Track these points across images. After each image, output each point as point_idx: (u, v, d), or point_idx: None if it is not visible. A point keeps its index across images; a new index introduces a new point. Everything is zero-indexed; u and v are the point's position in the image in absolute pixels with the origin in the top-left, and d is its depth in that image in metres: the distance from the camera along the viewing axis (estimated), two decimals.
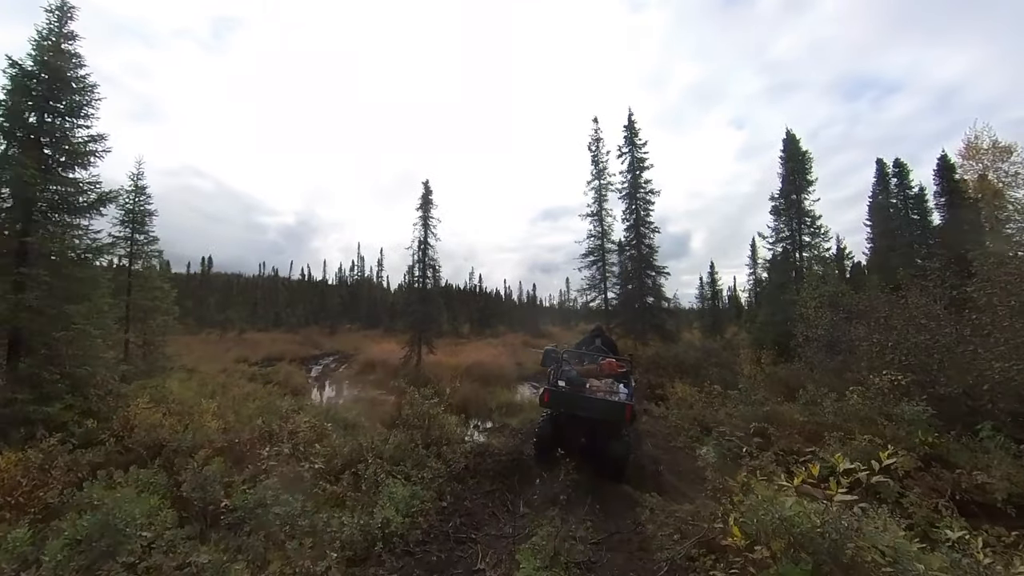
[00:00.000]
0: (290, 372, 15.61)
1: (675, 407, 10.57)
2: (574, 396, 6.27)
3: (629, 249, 21.35)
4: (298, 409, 7.77)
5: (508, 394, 11.24)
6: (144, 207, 8.63)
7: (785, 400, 8.83)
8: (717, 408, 8.94)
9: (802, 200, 16.93)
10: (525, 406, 10.24)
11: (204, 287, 48.92)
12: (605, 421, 6.11)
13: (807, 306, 13.82)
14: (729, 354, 15.44)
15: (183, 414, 5.99)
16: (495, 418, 9.73)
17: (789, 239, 17.27)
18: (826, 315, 11.22)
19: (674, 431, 9.07)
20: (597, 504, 5.52)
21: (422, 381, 12.05)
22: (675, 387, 11.53)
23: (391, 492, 4.35)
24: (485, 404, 10.38)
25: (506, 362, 15.09)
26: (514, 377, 14.79)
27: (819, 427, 7.17)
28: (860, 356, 8.99)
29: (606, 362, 7.11)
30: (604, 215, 20.96)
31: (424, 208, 14.28)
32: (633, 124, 21.50)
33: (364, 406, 9.61)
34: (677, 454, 7.69)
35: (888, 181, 23.78)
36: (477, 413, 10.32)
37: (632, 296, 21.10)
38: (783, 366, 12.76)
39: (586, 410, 6.12)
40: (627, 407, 5.97)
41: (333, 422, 7.28)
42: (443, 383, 11.48)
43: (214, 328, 32.58)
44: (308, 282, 61.40)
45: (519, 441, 7.52)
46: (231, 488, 4.05)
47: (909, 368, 7.30)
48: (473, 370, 13.83)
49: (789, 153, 17.43)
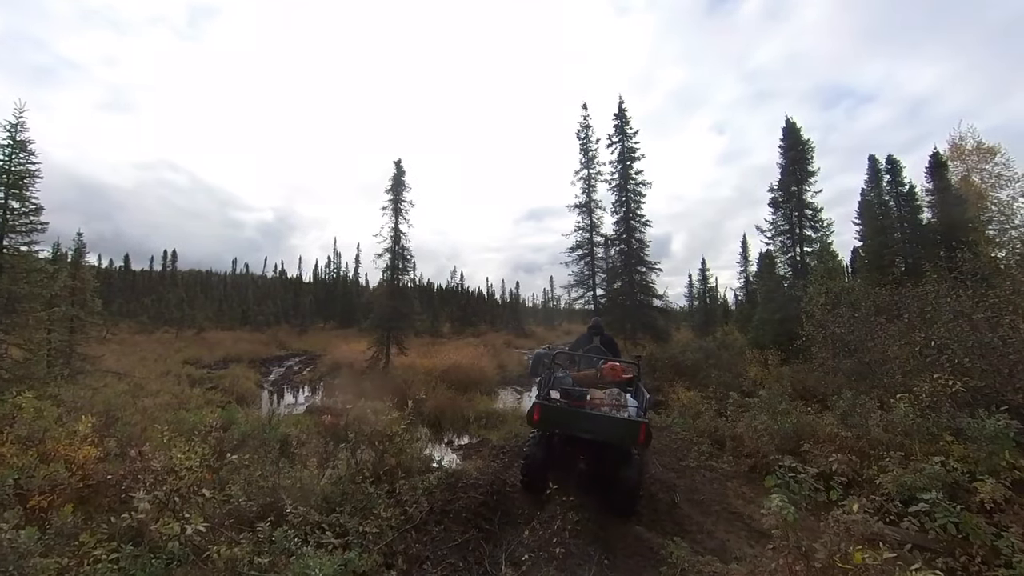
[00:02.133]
0: (241, 376, 13.78)
1: (679, 416, 9.30)
2: (572, 413, 4.81)
3: (619, 243, 20.12)
4: (223, 425, 6.13)
5: (488, 402, 9.77)
6: (23, 166, 6.73)
7: (803, 407, 7.61)
8: (734, 419, 7.65)
9: (803, 192, 15.96)
10: (508, 416, 8.79)
11: (166, 283, 45.87)
12: (612, 446, 4.76)
13: (814, 303, 12.81)
14: (727, 354, 14.30)
15: (37, 439, 4.33)
16: (473, 431, 8.26)
17: (788, 233, 16.29)
18: (844, 312, 10.16)
19: (684, 445, 7.77)
20: (606, 558, 4.13)
21: (388, 387, 10.48)
22: (676, 392, 10.26)
23: (305, 568, 2.82)
24: (462, 414, 8.90)
25: (487, 364, 13.61)
26: (495, 381, 13.31)
27: (866, 444, 5.95)
28: (892, 357, 7.86)
29: (608, 366, 5.73)
30: (593, 207, 19.71)
31: (395, 190, 12.60)
32: (624, 112, 20.32)
33: (314, 420, 7.99)
34: (693, 476, 6.36)
35: (880, 178, 23.26)
36: (453, 425, 8.82)
37: (622, 293, 19.88)
38: (792, 367, 11.65)
39: (589, 431, 4.72)
40: (642, 426, 4.54)
41: (264, 444, 5.68)
42: (413, 389, 9.93)
43: (173, 327, 30.07)
44: (282, 279, 58.78)
45: (501, 465, 6.06)
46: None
47: (966, 372, 6.14)
48: (450, 374, 12.32)
49: (789, 142, 16.47)
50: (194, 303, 39.17)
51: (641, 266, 19.70)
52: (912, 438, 5.62)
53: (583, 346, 6.43)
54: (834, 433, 6.23)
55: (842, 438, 6.14)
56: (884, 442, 5.80)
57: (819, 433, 6.46)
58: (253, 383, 13.73)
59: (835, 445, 6.12)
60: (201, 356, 20.24)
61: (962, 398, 5.87)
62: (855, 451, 5.99)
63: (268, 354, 22.85)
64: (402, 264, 12.46)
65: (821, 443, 6.20)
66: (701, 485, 6.02)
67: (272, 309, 46.07)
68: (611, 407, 5.04)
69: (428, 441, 7.59)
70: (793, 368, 11.57)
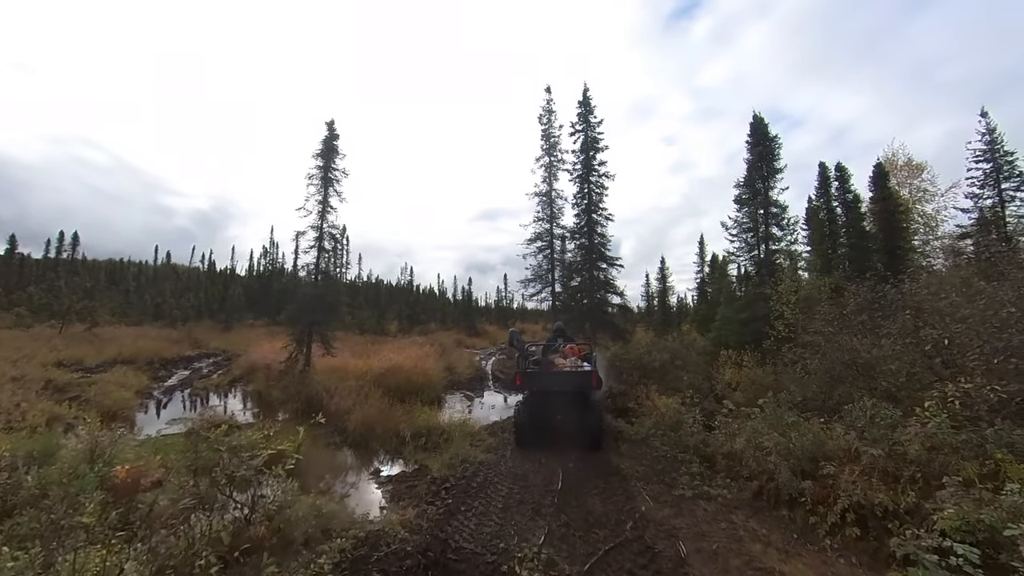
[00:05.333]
0: (120, 383, 10.98)
1: (654, 427, 8.03)
2: (545, 374, 7.05)
3: (580, 237, 18.88)
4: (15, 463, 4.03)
5: (430, 414, 7.93)
6: None
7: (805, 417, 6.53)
8: (727, 432, 6.40)
9: (769, 188, 15.48)
10: (454, 433, 7.00)
11: (61, 271, 39.47)
12: (577, 393, 6.83)
13: (783, 301, 12.16)
14: (694, 355, 13.41)
15: None
16: (409, 454, 6.42)
17: (753, 231, 15.75)
18: (824, 309, 9.40)
19: (669, 466, 6.43)
20: None
21: (302, 396, 8.39)
22: (651, 398, 8.99)
23: None
24: (397, 430, 7.03)
25: (433, 366, 11.73)
26: (442, 386, 11.50)
27: (899, 463, 4.83)
28: (892, 357, 6.99)
29: (567, 348, 7.76)
30: (555, 196, 18.35)
31: (326, 156, 10.33)
32: (588, 101, 19.13)
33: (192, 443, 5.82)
34: (693, 511, 4.99)
35: (829, 185, 23.86)
36: (385, 444, 6.92)
37: (581, 290, 18.66)
38: (768, 369, 10.82)
39: (557, 384, 6.86)
40: (592, 374, 6.82)
41: (68, 499, 3.61)
42: (334, 398, 7.93)
43: (59, 320, 25.30)
44: (209, 271, 53.00)
45: (443, 511, 4.32)
46: None
47: (998, 374, 5.23)
48: (388, 377, 10.36)
49: (756, 138, 15.95)
50: (96, 294, 33.84)
51: (603, 262, 18.58)
52: (958, 455, 4.55)
53: (549, 347, 8.16)
54: (858, 451, 5.10)
55: (869, 457, 5.01)
56: (921, 460, 4.71)
57: (839, 451, 5.33)
58: (135, 392, 10.98)
59: (860, 466, 4.98)
60: (85, 356, 16.71)
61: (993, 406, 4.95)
62: (885, 473, 4.89)
63: (176, 354, 19.44)
64: (332, 245, 10.28)
65: (844, 463, 5.05)
66: (706, 525, 4.65)
67: (193, 303, 41.08)
68: (571, 368, 7.11)
69: (346, 472, 5.71)
70: (769, 370, 10.78)
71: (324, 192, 10.17)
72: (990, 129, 20.73)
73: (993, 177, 20.71)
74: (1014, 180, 20.30)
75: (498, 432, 7.74)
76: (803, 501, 5.00)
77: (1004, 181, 20.45)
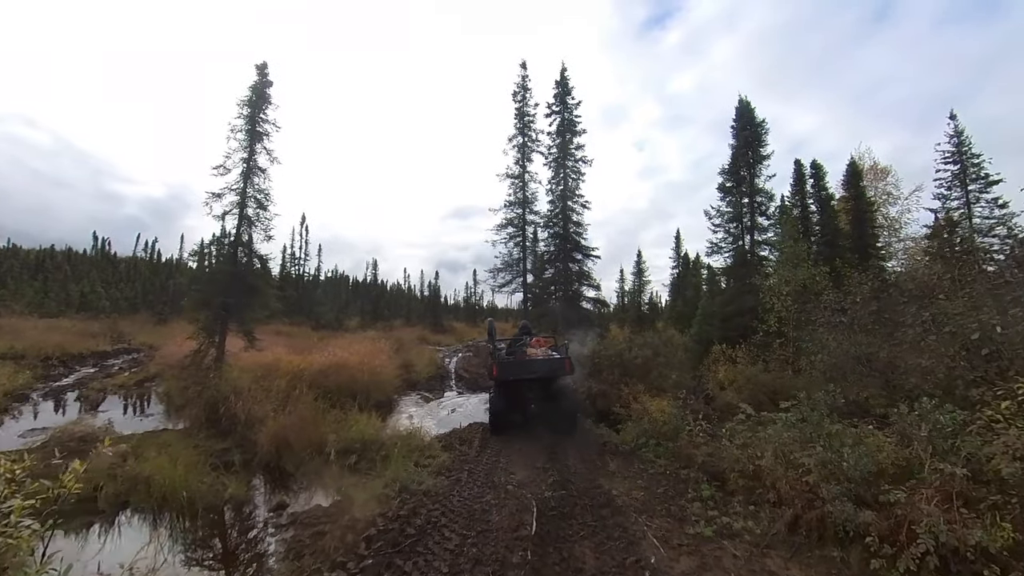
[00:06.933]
0: None
1: (645, 435, 6.68)
2: (520, 363, 7.34)
3: (554, 225, 17.51)
4: None
5: (369, 423, 6.12)
6: None
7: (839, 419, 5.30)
8: (742, 442, 5.09)
9: (755, 176, 14.59)
10: (394, 448, 5.28)
11: None
12: (552, 379, 7.26)
13: (776, 293, 11.17)
14: (680, 352, 12.27)
15: None
16: (332, 479, 4.71)
17: (737, 220, 14.84)
18: (829, 298, 8.37)
19: (672, 487, 5.05)
20: None
21: (204, 399, 6.52)
22: (638, 398, 7.65)
23: None
24: (323, 444, 5.29)
25: (384, 363, 9.95)
26: (396, 386, 9.75)
27: (975, 483, 3.64)
28: (926, 350, 5.92)
29: (534, 340, 8.30)
30: (528, 179, 16.88)
31: (254, 105, 8.34)
32: (567, 81, 17.80)
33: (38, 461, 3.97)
34: (720, 560, 3.59)
35: (804, 183, 23.59)
36: (302, 466, 5.17)
37: (554, 282, 17.32)
38: (760, 367, 9.75)
39: (534, 371, 7.16)
40: (566, 360, 7.37)
41: None
42: (248, 403, 6.11)
43: None
44: (152, 261, 48.62)
45: None
46: None
47: None
48: (327, 376, 8.57)
49: (741, 123, 15.06)
50: (9, 283, 29.84)
51: (578, 252, 17.28)
52: None
53: (516, 343, 8.22)
54: (930, 468, 3.86)
55: (940, 476, 3.78)
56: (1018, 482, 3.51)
57: (896, 468, 4.09)
58: (3, 393, 8.68)
59: (932, 488, 3.75)
60: None
61: None
62: (966, 498, 3.69)
63: (87, 349, 16.70)
64: (257, 215, 8.28)
65: (913, 487, 3.80)
66: None
67: (128, 294, 37.24)
68: (543, 356, 7.69)
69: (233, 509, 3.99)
70: (762, 367, 9.72)
71: (250, 147, 8.20)
72: (958, 132, 20.83)
73: (960, 178, 20.87)
74: (980, 182, 20.49)
75: (455, 444, 6.15)
76: (861, 537, 3.74)
77: (971, 183, 20.63)
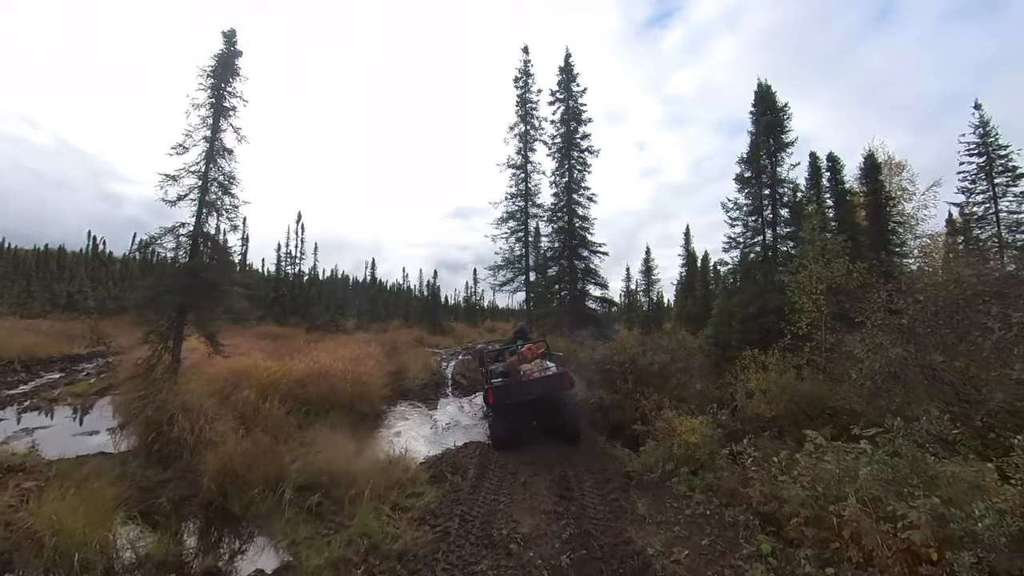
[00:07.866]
0: None
1: (672, 459, 5.60)
2: (516, 385, 6.99)
3: (558, 220, 16.41)
4: None
5: (343, 445, 4.99)
6: None
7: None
8: (811, 477, 4.00)
9: (777, 164, 13.47)
10: (368, 488, 4.13)
11: None
12: (552, 396, 6.81)
13: (809, 292, 10.05)
14: (697, 355, 11.19)
15: None
16: (282, 531, 3.60)
17: (757, 213, 13.72)
18: (880, 297, 7.30)
19: (717, 535, 3.95)
20: None
21: (144, 418, 5.41)
22: (662, 417, 6.56)
23: None
24: (280, 478, 4.20)
25: (372, 370, 8.86)
26: (383, 395, 8.64)
27: None
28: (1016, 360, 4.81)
29: (526, 348, 7.81)
30: (531, 170, 15.77)
31: (219, 76, 7.31)
32: (571, 67, 16.70)
33: None
34: None
35: (820, 176, 22.54)
36: (252, 507, 4.06)
37: (559, 280, 16.21)
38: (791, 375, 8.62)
39: (531, 393, 6.76)
40: (564, 375, 7.09)
41: None
42: (197, 421, 5.02)
43: None
44: (143, 261, 47.65)
45: None
46: None
47: None
48: (306, 385, 7.50)
49: (762, 107, 13.93)
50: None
51: (584, 248, 16.18)
52: None
53: (509, 346, 8.59)
54: None
55: None
56: None
57: None
58: None
59: None
60: None
61: None
62: None
63: (60, 352, 15.65)
64: (221, 201, 7.21)
65: None
66: None
67: (117, 294, 36.23)
68: (539, 372, 7.32)
69: None
70: (794, 375, 8.64)
71: (214, 124, 7.14)
72: (983, 122, 19.69)
73: (986, 171, 19.76)
74: (1007, 175, 19.40)
75: (446, 473, 5.04)
76: None
77: (997, 176, 19.51)
